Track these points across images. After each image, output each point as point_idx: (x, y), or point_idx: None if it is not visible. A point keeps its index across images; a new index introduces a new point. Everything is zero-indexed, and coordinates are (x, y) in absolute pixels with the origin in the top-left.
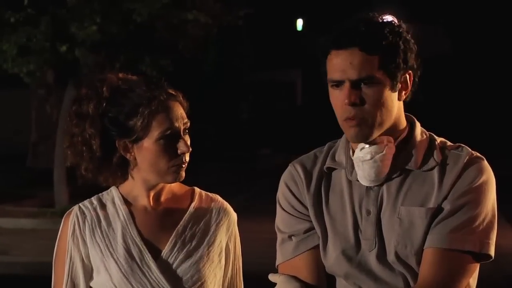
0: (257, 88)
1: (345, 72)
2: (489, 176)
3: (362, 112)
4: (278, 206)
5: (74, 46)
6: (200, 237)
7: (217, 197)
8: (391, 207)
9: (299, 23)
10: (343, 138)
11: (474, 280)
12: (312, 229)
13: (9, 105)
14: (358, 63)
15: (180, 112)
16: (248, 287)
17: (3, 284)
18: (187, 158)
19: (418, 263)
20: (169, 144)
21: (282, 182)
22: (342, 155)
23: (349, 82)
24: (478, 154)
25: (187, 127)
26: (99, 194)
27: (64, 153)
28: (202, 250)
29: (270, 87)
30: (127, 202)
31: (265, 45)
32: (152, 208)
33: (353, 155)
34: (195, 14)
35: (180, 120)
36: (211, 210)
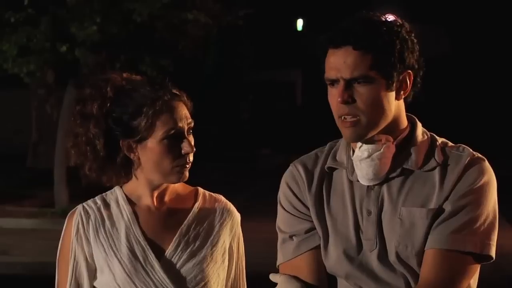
0: (257, 88)
1: (339, 70)
2: (490, 177)
3: (356, 110)
4: (279, 206)
5: (74, 46)
6: (203, 237)
7: (220, 197)
8: (392, 208)
9: (299, 23)
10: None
11: (475, 280)
12: (313, 229)
13: (9, 105)
14: (352, 62)
15: (184, 112)
16: (249, 287)
17: (3, 284)
18: (191, 158)
19: (419, 264)
20: (173, 144)
21: (283, 182)
22: (343, 155)
23: (343, 81)
24: (479, 155)
25: (191, 127)
26: (103, 194)
27: (66, 152)
28: (206, 250)
29: (270, 87)
30: (131, 202)
31: (265, 45)
32: (155, 208)
33: (353, 155)
34: (195, 14)
35: (184, 120)
36: (215, 210)
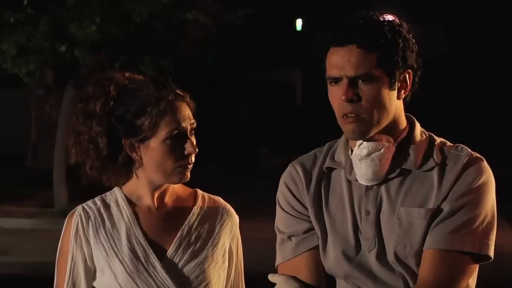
0: (257, 88)
1: (342, 69)
2: (488, 176)
3: (359, 108)
4: (277, 206)
5: (74, 46)
6: (204, 238)
7: (219, 199)
8: (390, 208)
9: (299, 23)
10: (343, 137)
11: (473, 280)
12: (311, 229)
13: (9, 105)
14: (356, 60)
15: (187, 112)
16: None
17: (3, 284)
18: (193, 158)
19: (418, 264)
20: (176, 144)
21: (281, 182)
22: (341, 155)
23: (346, 79)
24: (478, 154)
25: (194, 128)
26: (102, 195)
27: (66, 151)
28: (207, 251)
29: (270, 87)
30: (131, 203)
31: (264, 45)
32: (156, 208)
33: (351, 154)
34: (195, 14)
35: (187, 120)
36: (215, 211)
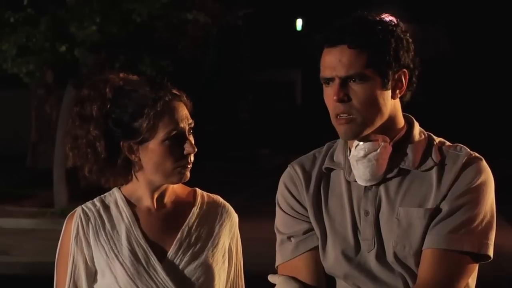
0: (257, 88)
1: (334, 69)
2: (487, 176)
3: (351, 109)
4: (277, 207)
5: (74, 46)
6: (204, 238)
7: (218, 198)
8: (389, 208)
9: (299, 23)
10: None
11: (473, 280)
12: (311, 230)
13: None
14: (347, 60)
15: (184, 112)
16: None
17: (3, 284)
18: (192, 158)
19: (417, 264)
20: (174, 145)
21: (281, 183)
22: (340, 155)
23: (338, 79)
24: (477, 154)
25: (192, 127)
26: (102, 196)
27: (65, 154)
28: (207, 251)
29: (270, 87)
30: (130, 204)
31: (264, 45)
32: (155, 209)
33: (350, 155)
34: (195, 14)
35: (185, 120)
36: (214, 211)
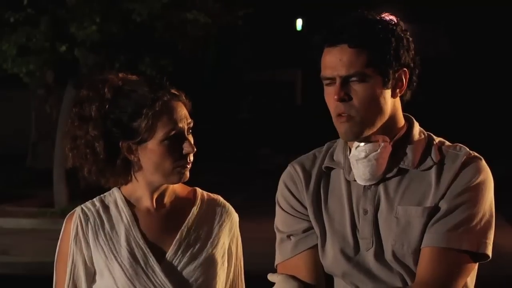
0: (257, 88)
1: (335, 68)
2: (486, 175)
3: (351, 108)
4: (277, 206)
5: (74, 46)
6: (203, 239)
7: (219, 197)
8: (388, 207)
9: (299, 23)
10: None
11: (472, 280)
12: (310, 228)
13: (9, 105)
14: (348, 60)
15: (183, 112)
16: (248, 287)
17: (3, 284)
18: (191, 158)
19: (415, 262)
20: (173, 144)
21: (281, 182)
22: (340, 155)
23: (339, 79)
24: (476, 154)
25: (191, 127)
26: (101, 196)
27: (65, 154)
28: (206, 252)
29: (270, 87)
30: (130, 204)
31: (265, 45)
32: (155, 210)
33: (350, 155)
34: (195, 14)
35: (184, 120)
36: (214, 211)
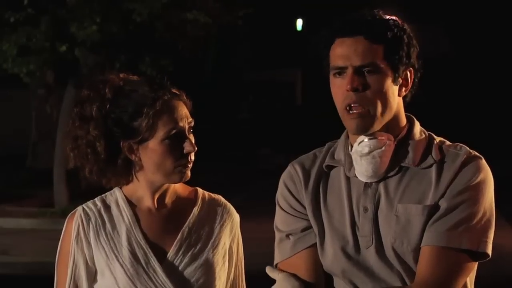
0: (257, 88)
1: (348, 58)
2: (486, 174)
3: (363, 99)
4: (277, 206)
5: (74, 46)
6: (204, 239)
7: (220, 198)
8: (388, 204)
9: (299, 23)
10: (342, 136)
11: (472, 279)
12: (309, 227)
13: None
14: (362, 50)
15: (184, 111)
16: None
17: (3, 284)
18: (193, 157)
19: (415, 260)
20: (174, 144)
21: (281, 182)
22: (341, 153)
23: (352, 68)
24: (476, 153)
25: (191, 126)
26: (103, 195)
27: (66, 154)
28: (207, 253)
29: (270, 87)
30: (131, 204)
31: (265, 45)
32: (156, 210)
33: (351, 151)
34: (195, 14)
35: (184, 119)
36: (215, 211)
